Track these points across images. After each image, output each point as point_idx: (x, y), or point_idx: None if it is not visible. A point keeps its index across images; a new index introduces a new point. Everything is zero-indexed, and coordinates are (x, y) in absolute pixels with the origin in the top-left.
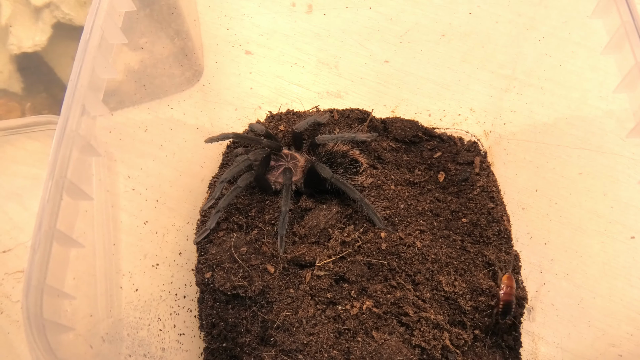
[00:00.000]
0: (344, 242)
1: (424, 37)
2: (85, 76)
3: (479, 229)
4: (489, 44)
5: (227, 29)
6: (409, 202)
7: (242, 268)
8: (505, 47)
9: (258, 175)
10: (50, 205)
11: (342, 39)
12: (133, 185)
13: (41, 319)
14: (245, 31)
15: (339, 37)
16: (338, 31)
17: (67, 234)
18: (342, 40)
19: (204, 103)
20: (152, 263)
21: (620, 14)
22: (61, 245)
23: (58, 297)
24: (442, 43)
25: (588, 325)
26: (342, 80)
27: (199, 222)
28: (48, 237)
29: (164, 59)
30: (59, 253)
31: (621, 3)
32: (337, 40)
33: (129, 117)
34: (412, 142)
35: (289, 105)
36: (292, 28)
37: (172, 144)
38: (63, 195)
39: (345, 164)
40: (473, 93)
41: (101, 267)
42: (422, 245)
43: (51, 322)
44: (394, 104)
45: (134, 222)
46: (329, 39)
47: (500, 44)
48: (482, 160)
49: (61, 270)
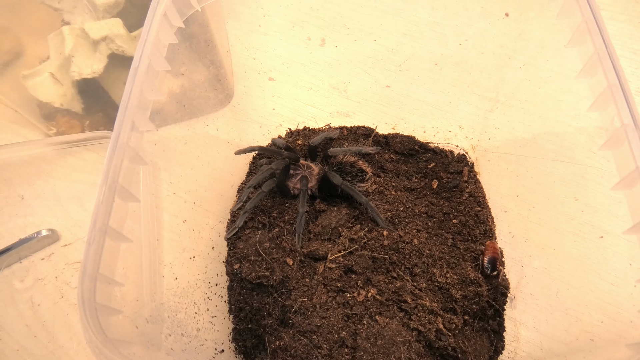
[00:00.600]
0: (352, 239)
1: (420, 65)
2: (135, 97)
3: (468, 229)
4: (476, 71)
5: (254, 59)
6: (407, 205)
7: (265, 261)
8: (489, 73)
9: (279, 182)
10: (104, 205)
11: (350, 67)
12: (174, 189)
13: (94, 303)
14: (269, 61)
15: (348, 66)
16: (347, 61)
17: (118, 230)
18: (350, 68)
19: (234, 121)
20: (189, 256)
21: (594, 42)
22: (113, 240)
23: (109, 284)
24: (435, 70)
25: (564, 313)
26: (350, 102)
27: (229, 221)
28: (101, 232)
29: (200, 84)
30: (111, 247)
31: (595, 33)
32: (346, 68)
33: (171, 132)
34: (410, 155)
35: (306, 123)
36: (308, 58)
37: (207, 155)
38: (115, 198)
39: (353, 172)
40: (462, 113)
41: (146, 259)
42: (419, 243)
43: (102, 306)
44: (394, 122)
45: (174, 221)
46: (339, 67)
47: (486, 71)
48: (469, 170)
49: (112, 262)
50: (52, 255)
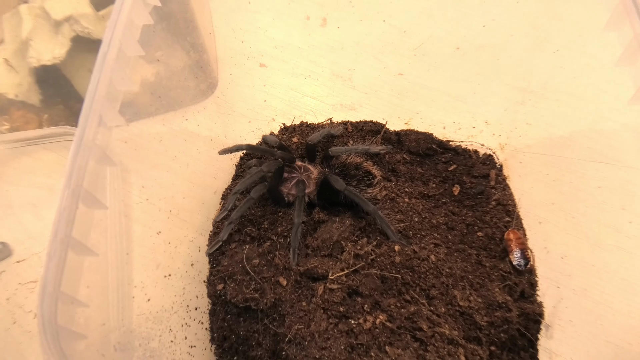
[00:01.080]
0: (357, 255)
1: (438, 49)
2: (103, 87)
3: (495, 243)
4: (504, 56)
5: (241, 42)
6: (423, 215)
7: (254, 280)
8: (520, 59)
9: (271, 187)
10: (66, 213)
11: (355, 51)
12: (147, 195)
13: (55, 326)
14: (259, 44)
15: (353, 50)
16: (352, 44)
17: (82, 242)
18: (355, 53)
19: (218, 115)
20: (164, 274)
21: (633, 26)
22: (76, 254)
23: (72, 304)
24: (456, 56)
25: (606, 342)
26: (356, 92)
27: (211, 233)
28: (63, 244)
29: (179, 72)
30: (74, 261)
31: (634, 16)
32: (350, 53)
33: (144, 128)
34: (426, 155)
35: (303, 118)
36: (306, 41)
37: (186, 156)
38: (79, 204)
39: (358, 176)
40: (488, 106)
41: (114, 276)
42: (437, 259)
43: (65, 329)
44: (408, 117)
45: (147, 232)
46: (343, 52)
47: (515, 57)
48: (497, 173)
49: (75, 278)
50: (2, 274)
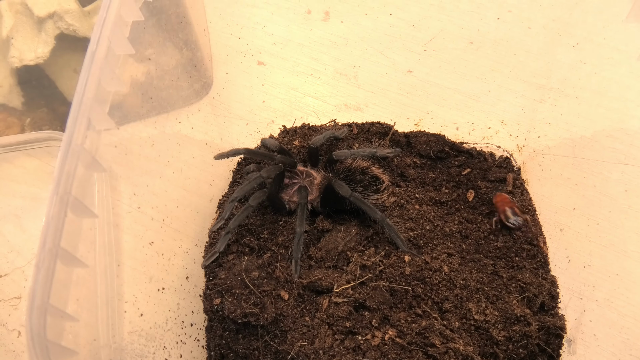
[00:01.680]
0: (364, 266)
1: (450, 44)
2: (92, 88)
3: (513, 252)
4: (521, 51)
5: (238, 39)
6: (435, 222)
7: (253, 294)
8: (537, 54)
9: (271, 193)
10: (55, 222)
11: (361, 47)
12: (138, 203)
13: (45, 341)
14: (257, 40)
15: (358, 46)
16: (357, 39)
17: (71, 252)
18: (361, 49)
19: (214, 117)
20: (157, 287)
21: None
22: (65, 265)
23: (61, 318)
24: (469, 51)
25: (631, 357)
26: (361, 91)
27: (207, 244)
28: (52, 254)
29: (171, 71)
30: (63, 272)
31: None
32: (355, 49)
33: (135, 131)
34: (438, 158)
35: (304, 119)
36: (308, 37)
37: (180, 161)
38: (67, 212)
39: (365, 181)
40: (504, 104)
41: (104, 289)
42: (450, 270)
43: (55, 344)
44: (418, 117)
45: (138, 243)
46: (347, 48)
47: (533, 51)
48: (515, 177)
49: (64, 291)
50: None
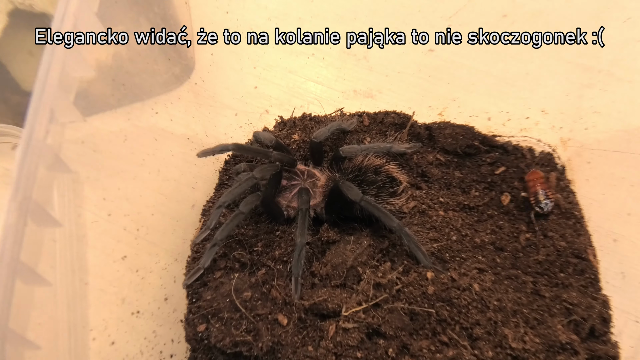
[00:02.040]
0: (379, 285)
1: (480, 17)
2: (55, 74)
3: (557, 267)
4: (564, 25)
5: (225, 13)
6: (463, 232)
7: (245, 319)
8: (584, 29)
9: (266, 198)
10: (13, 231)
11: (372, 22)
12: (108, 210)
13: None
14: (248, 14)
15: (369, 20)
16: (367, 12)
17: (32, 267)
18: (373, 23)
19: (196, 106)
20: (131, 310)
21: None
22: (25, 283)
23: (22, 346)
24: (503, 25)
25: None
26: (373, 75)
27: (189, 259)
28: (11, 270)
29: (146, 52)
30: (23, 291)
31: None
32: (366, 24)
33: (105, 124)
34: (466, 155)
35: (305, 109)
36: (309, 9)
37: (157, 159)
38: (27, 220)
39: (379, 182)
40: (545, 89)
41: (68, 312)
42: (482, 289)
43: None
44: (442, 105)
45: (108, 257)
46: (356, 23)
47: (579, 26)
48: (559, 176)
49: (24, 313)
50: None
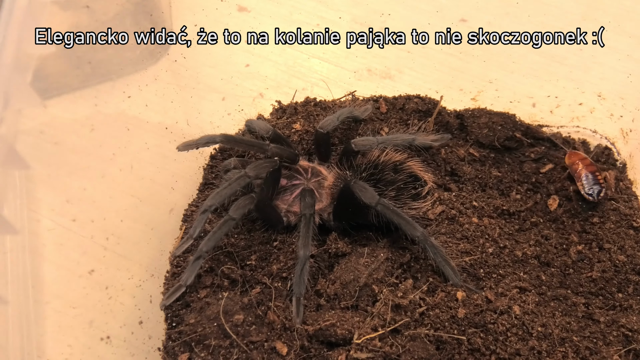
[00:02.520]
0: (398, 307)
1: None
2: (9, 50)
3: (614, 286)
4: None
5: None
6: (501, 243)
7: (237, 347)
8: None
9: (261, 201)
10: None
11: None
12: (72, 215)
13: None
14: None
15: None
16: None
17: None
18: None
19: (176, 89)
20: (99, 335)
21: None
22: None
23: None
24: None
25: None
26: (392, 50)
27: (168, 274)
28: None
29: (114, 22)
30: None
31: None
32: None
33: (67, 110)
34: (505, 149)
35: (309, 92)
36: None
37: (129, 153)
38: None
39: (399, 182)
40: (602, 69)
41: (24, 338)
42: (523, 312)
43: None
44: (477, 88)
45: (72, 272)
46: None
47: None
48: (618, 175)
49: None
50: None
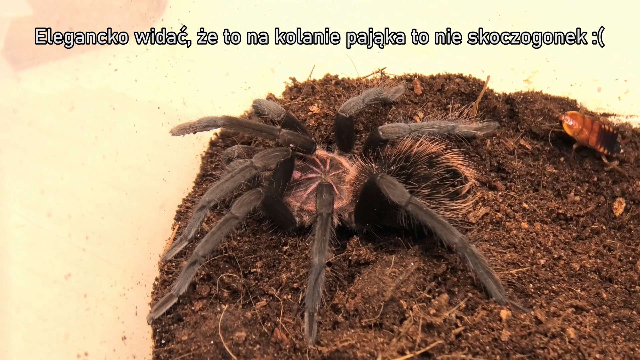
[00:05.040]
0: (430, 327)
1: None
2: None
3: None
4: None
5: None
6: (555, 254)
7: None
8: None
9: (269, 197)
10: None
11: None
12: (47, 208)
13: None
14: None
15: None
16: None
17: None
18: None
19: (171, 61)
20: (75, 351)
21: None
22: None
23: None
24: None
25: None
26: (430, 18)
27: (157, 282)
28: None
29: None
30: None
31: None
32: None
33: (43, 85)
34: (564, 141)
35: (329, 68)
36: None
37: (114, 137)
38: None
39: (434, 178)
40: None
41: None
42: (579, 336)
43: None
44: (530, 68)
45: (44, 276)
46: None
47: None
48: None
49: None
50: None
